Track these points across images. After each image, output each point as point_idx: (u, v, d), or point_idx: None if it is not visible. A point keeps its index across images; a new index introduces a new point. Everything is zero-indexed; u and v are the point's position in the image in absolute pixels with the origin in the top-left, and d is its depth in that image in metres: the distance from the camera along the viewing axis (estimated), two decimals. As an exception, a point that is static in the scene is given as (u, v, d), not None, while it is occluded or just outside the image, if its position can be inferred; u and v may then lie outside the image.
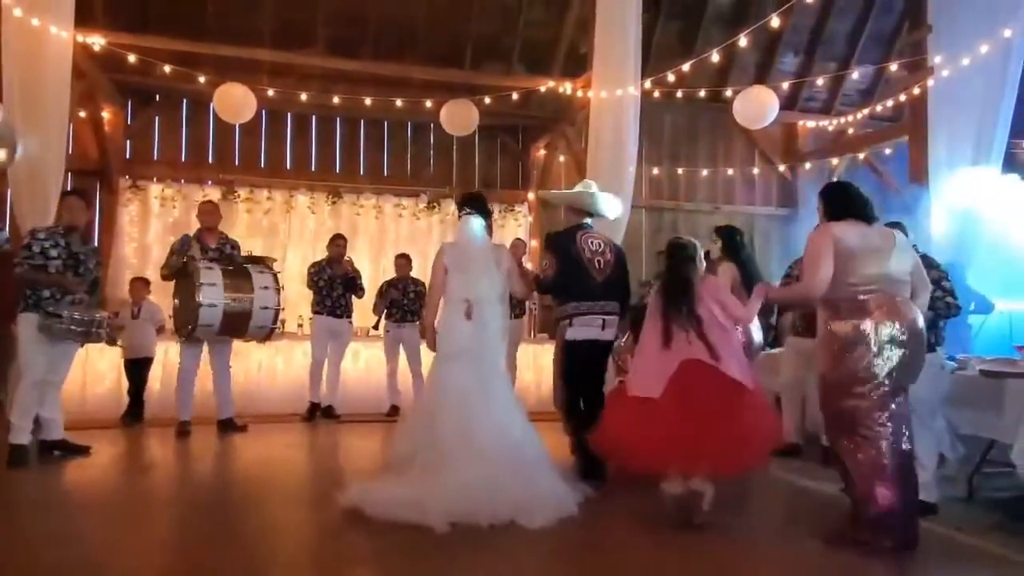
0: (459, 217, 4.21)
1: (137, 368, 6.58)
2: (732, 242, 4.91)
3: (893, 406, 3.14)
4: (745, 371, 3.51)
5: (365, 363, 7.50)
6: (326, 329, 6.89)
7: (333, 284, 6.92)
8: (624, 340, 4.75)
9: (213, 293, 5.44)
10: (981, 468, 4.06)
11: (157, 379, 6.75)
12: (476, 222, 4.08)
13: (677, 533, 3.32)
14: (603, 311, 4.28)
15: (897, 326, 3.12)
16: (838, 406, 3.22)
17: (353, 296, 7.07)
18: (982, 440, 3.94)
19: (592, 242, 4.39)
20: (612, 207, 4.65)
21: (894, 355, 3.12)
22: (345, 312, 7.00)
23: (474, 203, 4.18)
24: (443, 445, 3.58)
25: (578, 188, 4.78)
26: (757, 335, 4.59)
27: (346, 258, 7.09)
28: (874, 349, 3.11)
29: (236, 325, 5.68)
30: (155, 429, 6.19)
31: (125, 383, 6.69)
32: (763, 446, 3.52)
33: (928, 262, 3.77)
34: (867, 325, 3.13)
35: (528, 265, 8.85)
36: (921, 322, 3.21)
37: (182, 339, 5.84)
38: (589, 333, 4.25)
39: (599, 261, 4.33)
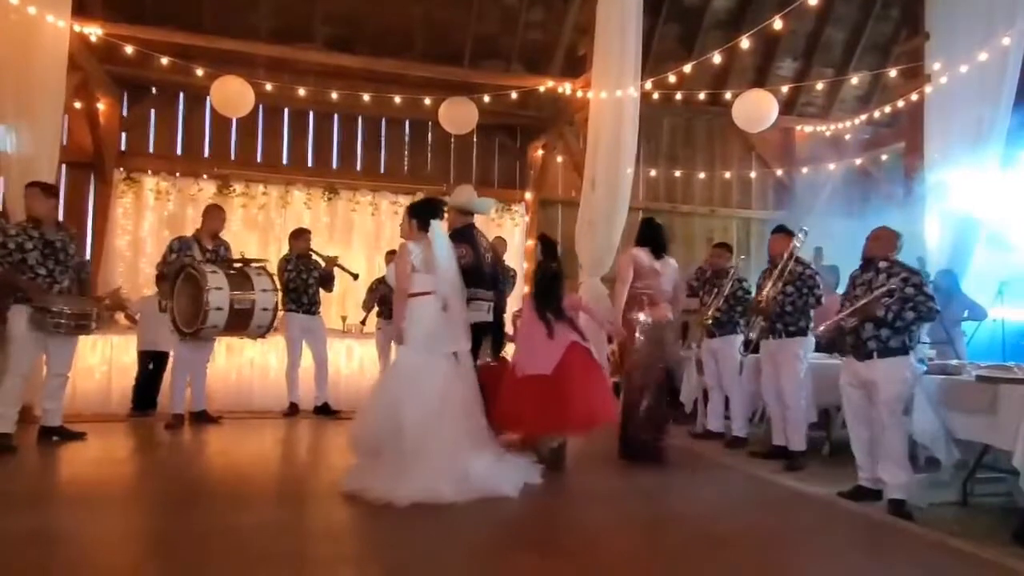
0: (417, 222, 4.38)
1: (157, 360, 6.54)
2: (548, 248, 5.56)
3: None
4: (598, 355, 4.70)
5: (359, 361, 7.47)
6: (301, 327, 6.77)
7: (309, 281, 6.79)
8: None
9: (220, 297, 5.56)
10: (975, 473, 4.06)
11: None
12: (442, 225, 4.46)
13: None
14: (489, 298, 4.93)
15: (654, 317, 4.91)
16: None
17: (322, 290, 6.96)
18: (977, 445, 3.95)
19: (482, 240, 5.06)
20: (488, 206, 5.45)
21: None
22: (318, 308, 6.90)
23: (438, 210, 4.48)
24: (415, 434, 3.80)
25: (461, 192, 5.18)
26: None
27: (332, 255, 7.03)
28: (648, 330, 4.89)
29: (238, 325, 5.83)
30: (148, 421, 6.17)
31: (116, 377, 6.62)
32: (610, 410, 4.60)
33: (904, 268, 4.01)
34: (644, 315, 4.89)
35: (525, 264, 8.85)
36: (671, 316, 5.07)
37: (182, 337, 5.81)
38: (480, 317, 4.84)
39: (487, 256, 5.02)
